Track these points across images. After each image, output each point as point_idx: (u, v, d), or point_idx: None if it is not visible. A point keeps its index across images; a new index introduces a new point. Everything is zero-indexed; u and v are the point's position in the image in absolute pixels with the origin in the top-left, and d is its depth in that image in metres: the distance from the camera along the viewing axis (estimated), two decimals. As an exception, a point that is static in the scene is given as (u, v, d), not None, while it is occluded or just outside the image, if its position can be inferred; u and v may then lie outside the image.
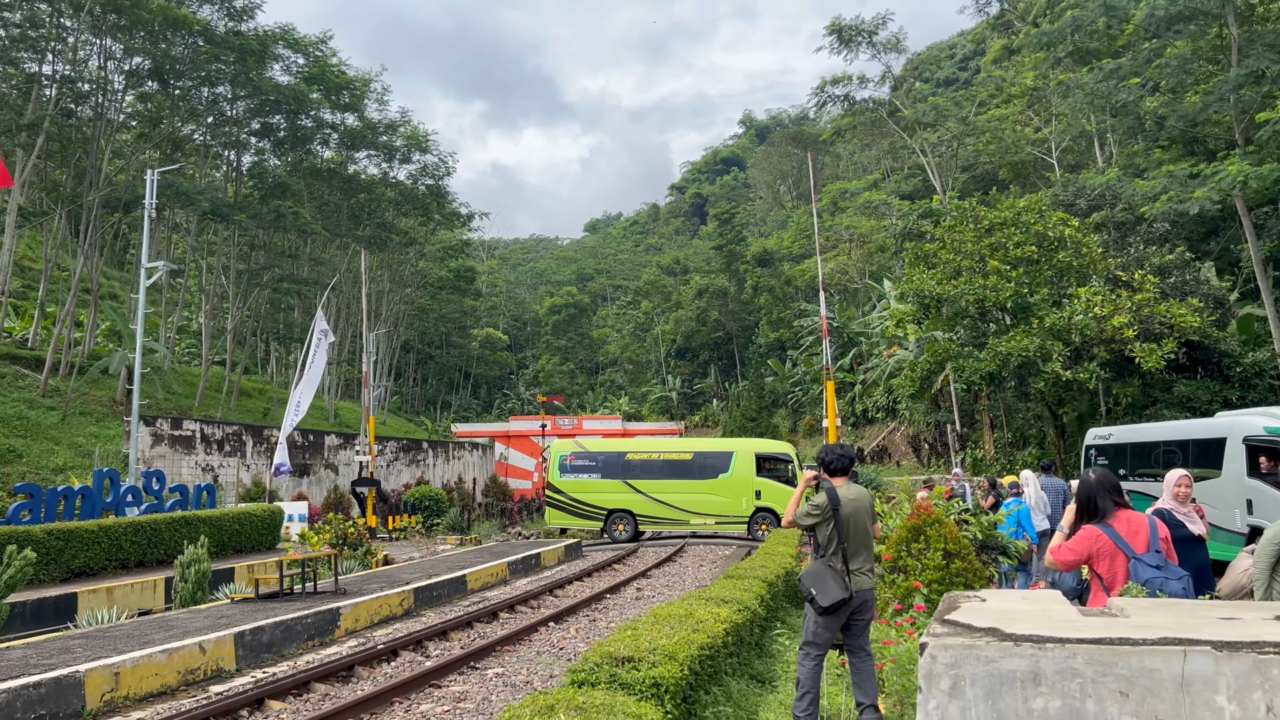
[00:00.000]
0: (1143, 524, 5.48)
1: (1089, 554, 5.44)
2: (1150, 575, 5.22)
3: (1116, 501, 5.55)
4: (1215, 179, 24.65)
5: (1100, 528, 5.46)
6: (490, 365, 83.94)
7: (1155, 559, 5.31)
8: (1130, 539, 5.38)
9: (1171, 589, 5.18)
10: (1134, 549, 5.34)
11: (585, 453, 29.96)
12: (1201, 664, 3.00)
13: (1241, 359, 24.10)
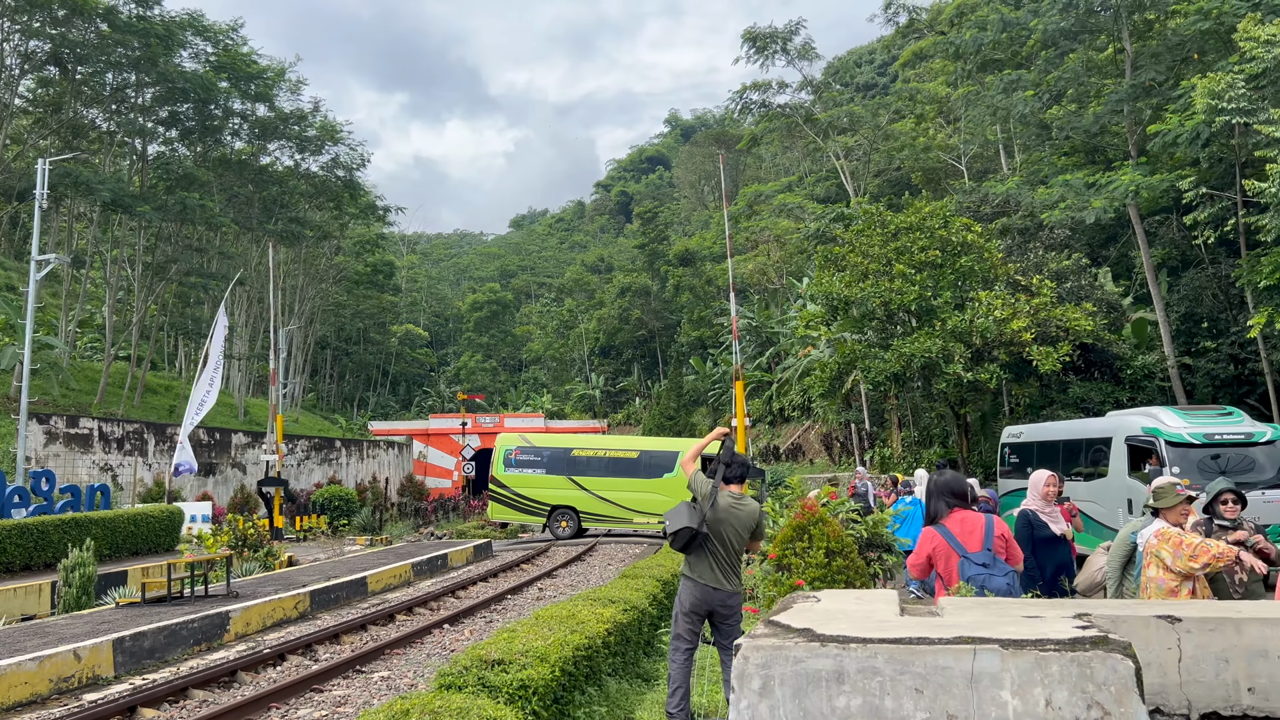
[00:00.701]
0: (978, 524, 5.72)
1: (928, 555, 5.67)
2: (974, 572, 5.46)
3: (950, 503, 5.78)
4: (1109, 189, 25.64)
5: (936, 529, 5.70)
6: (410, 362, 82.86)
7: (984, 557, 5.55)
8: (964, 538, 5.61)
9: (995, 585, 5.42)
10: (966, 548, 5.57)
11: (531, 447, 29.76)
12: (989, 661, 3.15)
13: (1132, 362, 25.14)
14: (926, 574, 5.89)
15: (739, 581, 6.59)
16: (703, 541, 6.42)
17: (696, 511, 6.40)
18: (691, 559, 6.50)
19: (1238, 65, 22.98)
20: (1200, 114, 23.04)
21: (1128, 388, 24.99)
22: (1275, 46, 21.97)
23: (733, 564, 6.53)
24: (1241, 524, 7.36)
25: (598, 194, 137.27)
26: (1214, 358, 27.96)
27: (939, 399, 26.18)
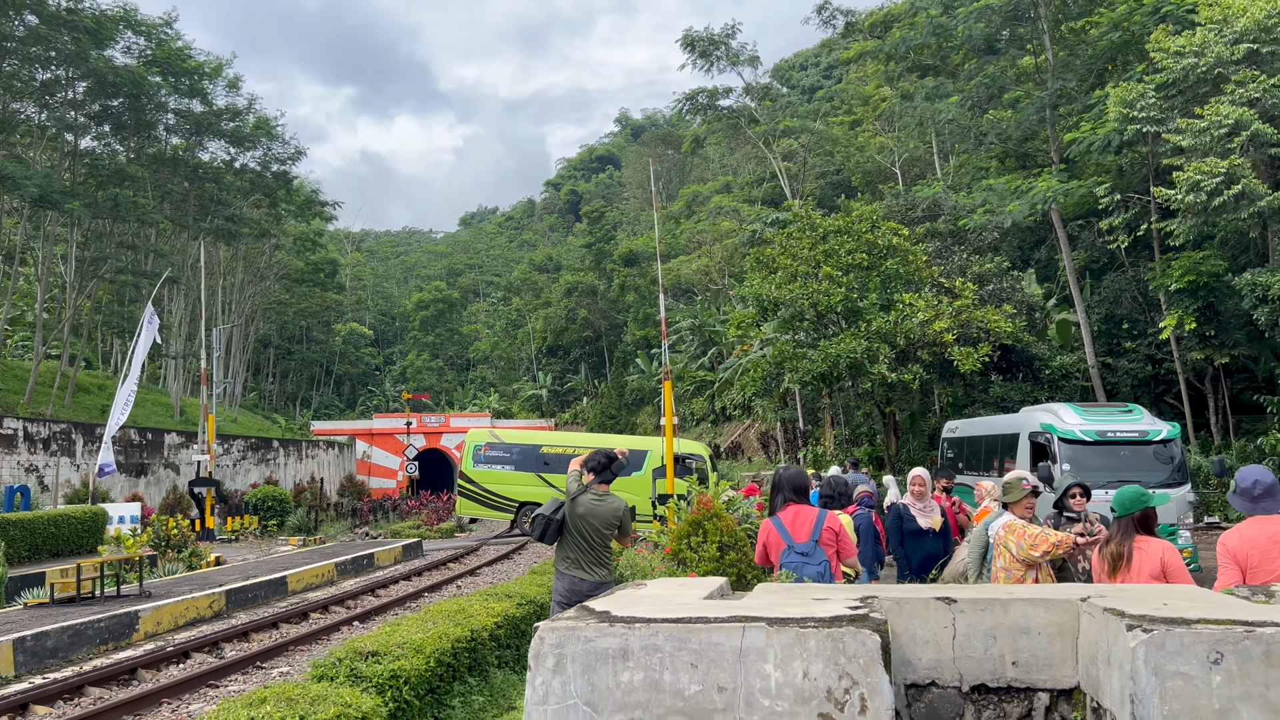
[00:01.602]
0: (810, 517, 6.08)
1: (764, 544, 6.04)
2: (791, 560, 5.83)
3: (789, 497, 6.14)
4: (1029, 195, 26.44)
5: (772, 521, 6.06)
6: (354, 362, 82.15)
7: (806, 547, 5.90)
8: (793, 530, 5.97)
9: (808, 572, 5.78)
10: (794, 539, 5.93)
11: (500, 444, 29.90)
12: (755, 638, 3.45)
13: (1051, 362, 25.96)
14: (766, 563, 6.23)
15: (606, 572, 6.88)
16: (568, 534, 6.72)
17: (557, 505, 6.73)
18: (561, 552, 6.81)
19: (1148, 75, 23.87)
20: (1112, 122, 23.88)
21: (1046, 387, 25.81)
22: (1183, 57, 22.85)
23: (597, 556, 6.82)
24: (1086, 516, 7.84)
25: (547, 192, 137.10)
26: (1133, 358, 28.92)
27: (865, 398, 26.78)
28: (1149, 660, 3.20)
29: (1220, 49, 22.21)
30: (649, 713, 3.50)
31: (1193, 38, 22.91)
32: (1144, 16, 24.37)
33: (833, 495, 8.35)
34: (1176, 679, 3.17)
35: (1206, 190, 21.37)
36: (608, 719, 3.52)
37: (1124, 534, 5.25)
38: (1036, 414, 16.59)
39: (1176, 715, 3.15)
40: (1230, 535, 5.18)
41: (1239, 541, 5.04)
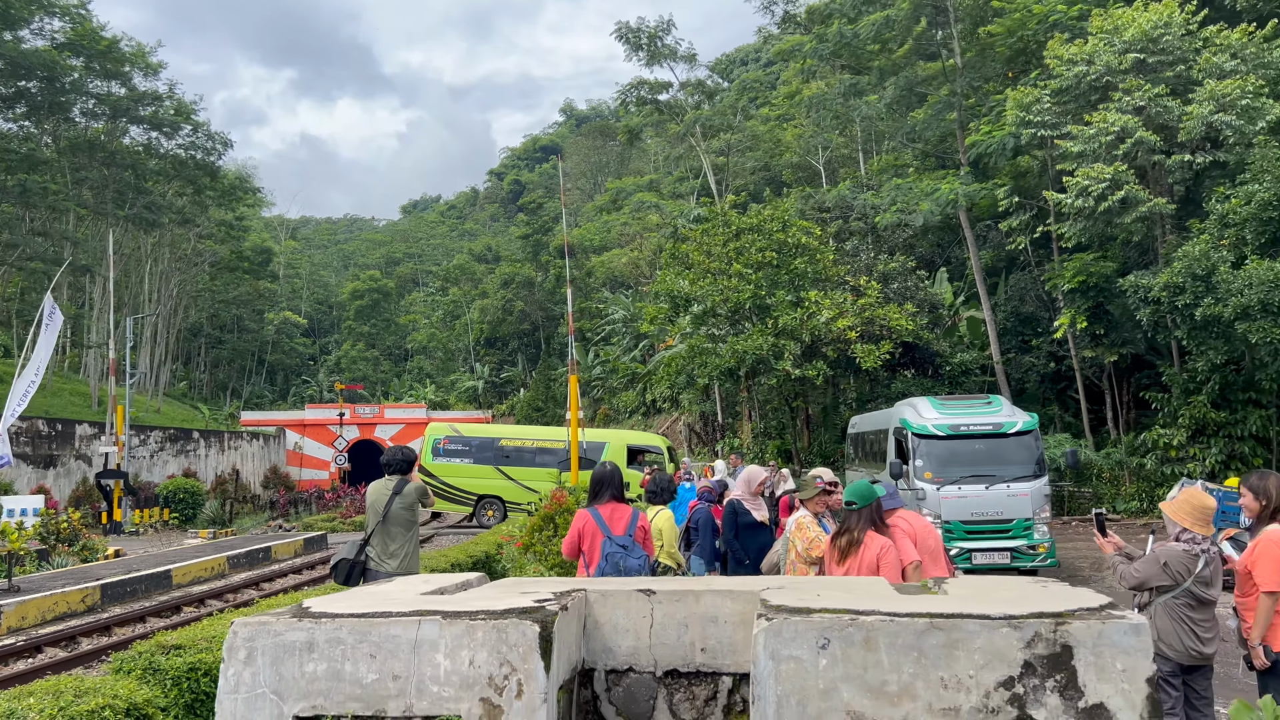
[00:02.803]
0: (626, 513, 6.40)
1: (579, 533, 6.34)
2: (613, 550, 6.13)
3: (610, 493, 6.45)
4: (934, 195, 27.15)
5: (589, 511, 6.35)
6: (287, 352, 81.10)
7: (624, 539, 6.22)
8: (611, 523, 6.28)
9: (629, 565, 6.10)
10: (612, 531, 6.23)
11: (459, 437, 30.02)
12: (430, 630, 3.73)
13: (950, 359, 26.72)
14: (575, 553, 6.52)
15: (396, 563, 7.13)
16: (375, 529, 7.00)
17: (354, 546, 7.03)
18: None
19: (1044, 81, 24.66)
20: (1010, 125, 24.64)
21: (946, 383, 26.57)
22: (1076, 65, 23.66)
23: (386, 547, 7.08)
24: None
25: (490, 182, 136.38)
26: (1037, 354, 29.86)
27: (773, 393, 27.33)
28: (768, 645, 3.55)
29: (1109, 58, 23.04)
30: (330, 700, 3.77)
31: (1084, 47, 23.73)
32: (1037, 25, 25.15)
33: (657, 490, 8.67)
34: (789, 662, 3.52)
35: (1094, 195, 22.21)
36: (292, 706, 3.78)
37: (859, 525, 5.63)
38: (901, 409, 16.60)
39: (787, 694, 3.50)
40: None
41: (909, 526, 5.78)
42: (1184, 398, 23.14)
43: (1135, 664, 3.42)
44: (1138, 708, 3.40)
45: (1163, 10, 23.24)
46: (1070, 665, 3.44)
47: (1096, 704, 3.42)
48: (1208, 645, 5.36)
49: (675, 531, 8.45)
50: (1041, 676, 3.45)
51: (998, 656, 3.45)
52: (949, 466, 14.58)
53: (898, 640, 3.49)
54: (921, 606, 3.63)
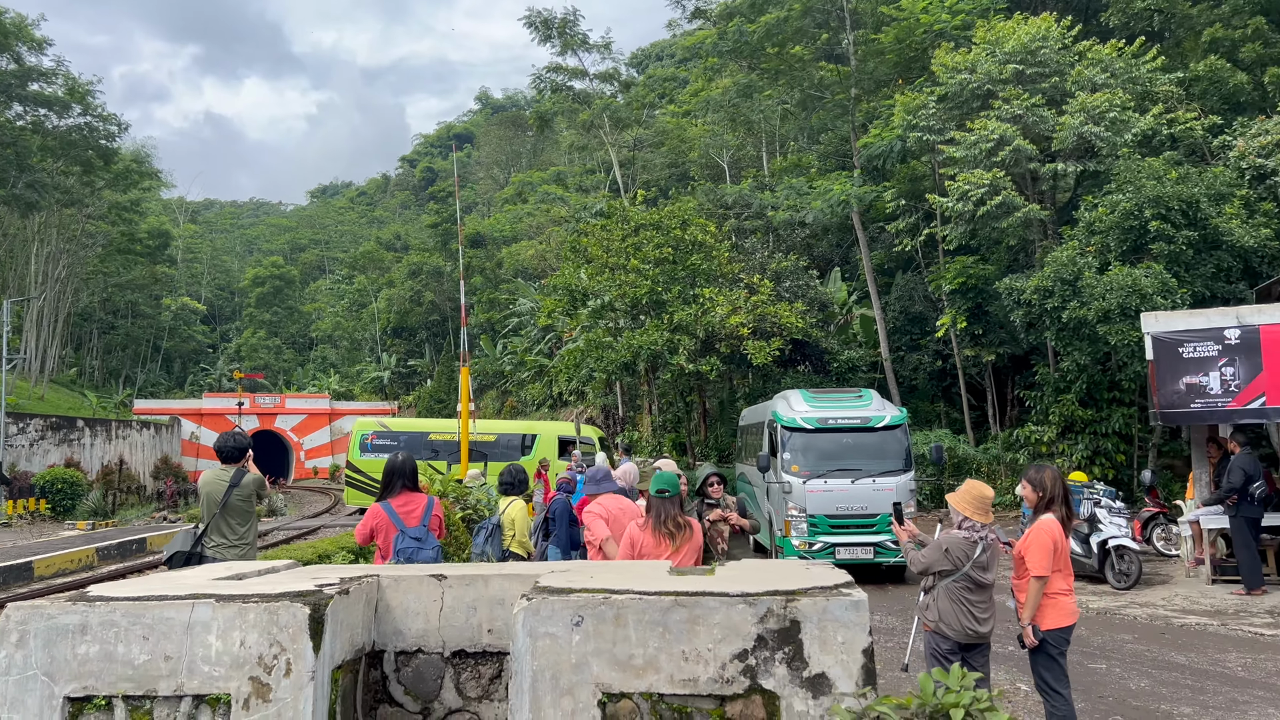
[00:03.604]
0: (420, 503, 6.52)
1: (371, 527, 6.44)
2: (406, 545, 6.27)
3: (404, 484, 6.57)
4: (826, 195, 27.88)
5: (382, 505, 6.46)
6: (185, 338, 78.59)
7: (418, 532, 6.35)
8: (404, 516, 6.39)
9: (423, 557, 6.25)
10: (405, 524, 6.36)
11: (387, 432, 29.59)
12: (203, 612, 3.85)
13: (838, 356, 27.52)
14: (368, 543, 6.64)
15: (238, 553, 7.16)
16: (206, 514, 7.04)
17: (189, 536, 7.03)
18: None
19: (930, 88, 25.53)
20: (898, 129, 25.44)
21: (835, 379, 27.34)
22: (959, 73, 24.56)
23: (225, 537, 7.11)
24: (724, 503, 8.62)
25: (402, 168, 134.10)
26: (924, 353, 30.92)
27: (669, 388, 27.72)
28: (526, 623, 3.77)
29: (990, 67, 23.98)
30: (102, 681, 3.86)
31: (968, 56, 24.64)
32: (924, 34, 26.03)
33: (511, 482, 8.85)
34: (545, 639, 3.74)
35: (973, 199, 23.10)
36: (64, 687, 3.86)
37: (677, 512, 5.94)
38: (775, 402, 16.57)
39: (542, 669, 3.73)
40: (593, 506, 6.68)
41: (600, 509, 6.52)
42: (1055, 396, 24.24)
43: (854, 637, 3.74)
44: (854, 676, 3.72)
45: (1040, 24, 24.28)
46: (798, 639, 3.75)
47: (819, 674, 3.73)
48: (984, 625, 5.78)
49: (527, 521, 8.65)
50: (772, 649, 3.74)
51: (734, 631, 3.74)
52: (816, 460, 14.57)
53: (645, 616, 3.74)
54: (673, 586, 3.90)
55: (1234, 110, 24.29)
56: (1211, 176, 21.19)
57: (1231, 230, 20.28)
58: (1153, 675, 8.05)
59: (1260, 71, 23.69)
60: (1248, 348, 11.12)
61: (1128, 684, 7.80)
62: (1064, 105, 23.17)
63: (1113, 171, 22.10)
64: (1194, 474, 13.10)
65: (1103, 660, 8.66)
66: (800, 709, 3.70)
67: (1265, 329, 11.10)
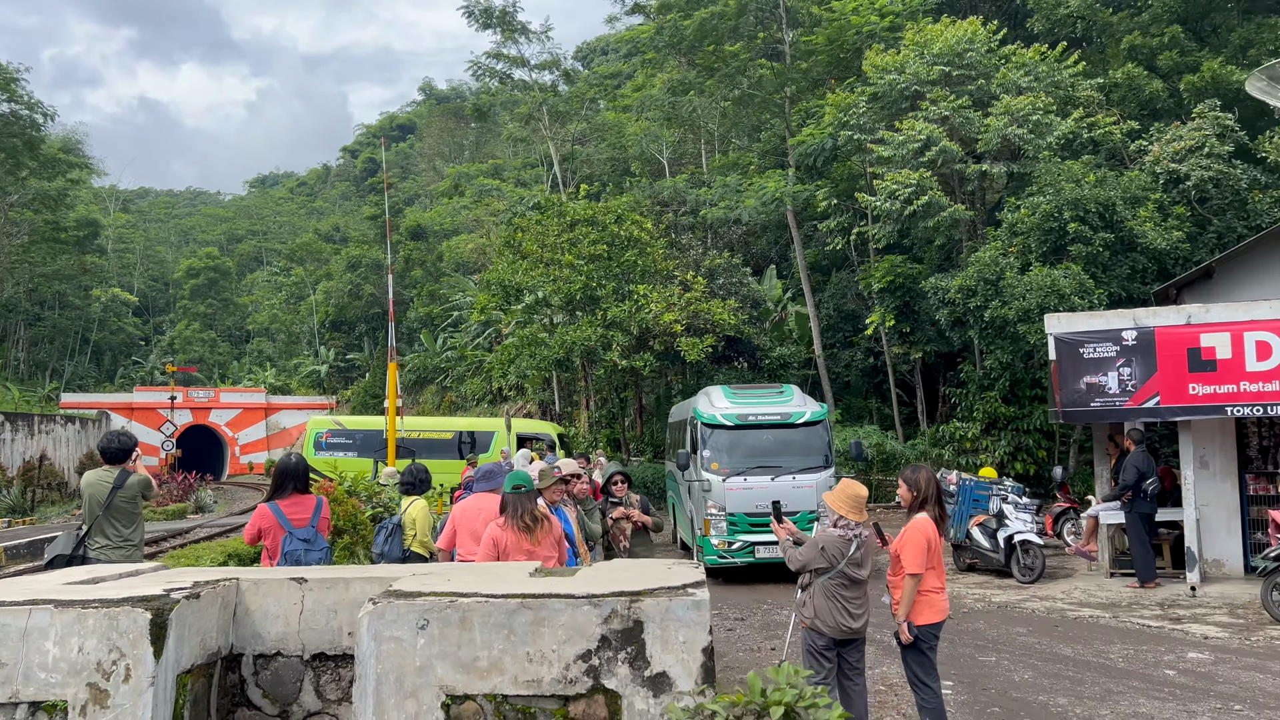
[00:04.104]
0: (310, 505, 6.50)
1: (259, 529, 6.40)
2: (294, 546, 6.24)
3: (296, 488, 6.54)
4: (760, 193, 28.12)
5: (269, 506, 6.42)
6: (115, 331, 76.62)
7: (306, 533, 6.33)
8: (293, 517, 6.37)
9: (311, 559, 6.23)
10: (293, 525, 6.33)
11: (342, 430, 29.13)
12: (40, 618, 3.79)
13: (770, 353, 27.81)
14: (255, 543, 6.60)
15: (123, 554, 7.05)
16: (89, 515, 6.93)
17: (71, 538, 6.91)
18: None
19: (861, 88, 25.88)
20: (829, 128, 25.75)
21: (766, 376, 27.62)
22: (889, 74, 24.93)
23: (108, 538, 6.99)
24: (627, 501, 8.71)
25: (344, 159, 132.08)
26: (856, 350, 31.37)
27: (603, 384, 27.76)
28: (371, 627, 3.77)
29: (918, 68, 24.38)
30: (-72, 689, 3.79)
31: (897, 57, 25.03)
32: (855, 36, 26.37)
33: (413, 482, 8.82)
34: (390, 642, 3.76)
35: (900, 199, 23.48)
36: (-118, 697, 3.79)
37: (533, 506, 6.01)
38: (697, 398, 16.36)
39: (386, 672, 3.74)
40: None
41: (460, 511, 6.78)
42: (979, 393, 24.77)
43: (694, 636, 3.82)
44: (694, 674, 3.80)
45: (967, 28, 24.74)
46: (641, 639, 3.81)
47: (660, 672, 3.80)
48: (857, 620, 5.92)
49: (429, 520, 8.62)
50: (615, 649, 3.80)
51: (578, 632, 3.79)
52: (736, 457, 14.39)
53: (490, 619, 3.78)
54: (522, 588, 3.93)
55: (1152, 116, 25.01)
56: (1128, 180, 21.81)
57: (1145, 233, 20.88)
58: (1038, 667, 8.30)
59: (1176, 79, 24.42)
60: (1144, 349, 11.50)
61: (1012, 676, 8.04)
62: (989, 108, 23.65)
63: (1034, 174, 22.62)
64: (1096, 470, 13.50)
65: (994, 653, 8.91)
66: (641, 707, 3.77)
67: (1160, 331, 11.49)
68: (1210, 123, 22.30)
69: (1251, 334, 10.94)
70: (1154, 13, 25.58)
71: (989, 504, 13.47)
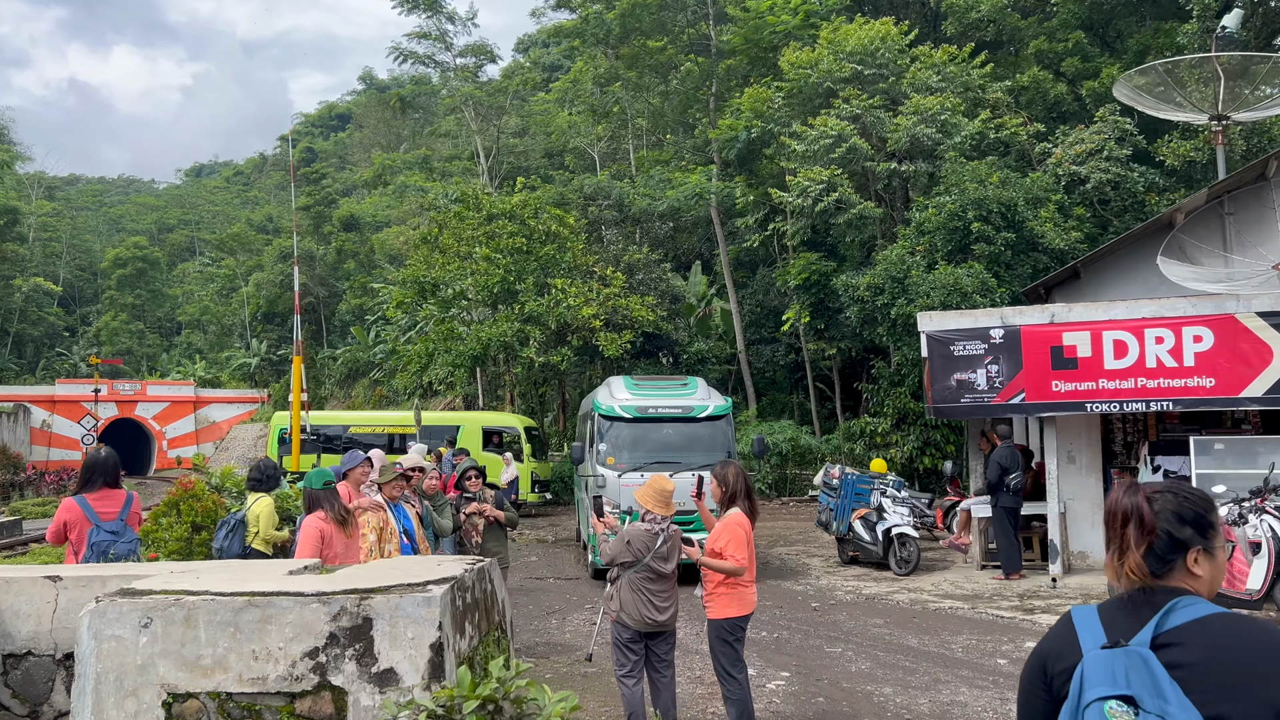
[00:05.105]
0: (119, 499, 6.42)
1: (64, 523, 6.30)
2: (102, 538, 6.17)
3: (106, 482, 6.44)
4: (681, 187, 28.26)
5: (76, 500, 6.33)
6: (36, 322, 74.52)
7: (115, 526, 6.26)
8: (100, 511, 6.29)
9: (119, 550, 6.17)
10: (101, 518, 6.25)
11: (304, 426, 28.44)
12: None
13: (688, 348, 28.00)
14: (61, 540, 6.48)
15: None
16: None
17: None
18: None
19: (778, 84, 26.12)
20: (745, 122, 25.94)
21: (686, 371, 27.78)
22: (803, 70, 25.20)
23: None
24: (479, 496, 8.72)
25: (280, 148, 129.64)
26: (778, 346, 31.68)
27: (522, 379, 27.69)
28: (91, 626, 3.73)
29: (831, 65, 24.67)
30: None
31: (813, 54, 25.31)
32: (770, 35, 26.62)
33: (260, 478, 8.72)
34: (111, 641, 3.72)
35: (812, 195, 23.77)
36: None
37: (339, 502, 6.02)
38: (598, 390, 15.91)
39: (106, 671, 3.71)
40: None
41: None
42: (889, 389, 25.20)
43: (423, 632, 3.85)
44: (421, 670, 3.83)
45: (880, 28, 25.10)
46: (369, 635, 3.83)
47: (388, 669, 3.83)
48: (663, 614, 6.01)
49: (273, 518, 8.52)
50: (343, 646, 3.82)
51: (306, 629, 3.80)
52: (635, 451, 13.84)
53: (216, 617, 3.76)
54: (251, 586, 3.93)
55: (1059, 119, 25.62)
56: (1030, 182, 22.31)
57: (1045, 233, 21.38)
58: (878, 658, 8.49)
59: (1079, 84, 25.05)
60: (1010, 347, 11.81)
61: (850, 667, 8.22)
62: (900, 107, 24.03)
63: (941, 174, 23.04)
64: (971, 465, 13.85)
65: (843, 644, 9.10)
66: (367, 703, 3.79)
67: (1026, 329, 11.80)
68: (1110, 127, 22.92)
69: (1110, 333, 11.29)
70: (1061, 18, 26.19)
71: (870, 498, 13.72)
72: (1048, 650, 2.11)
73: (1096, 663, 1.91)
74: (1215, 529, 2.06)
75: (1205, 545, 2.04)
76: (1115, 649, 1.91)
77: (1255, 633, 1.90)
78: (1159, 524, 2.03)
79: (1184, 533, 2.03)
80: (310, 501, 6.08)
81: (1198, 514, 2.05)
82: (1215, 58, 14.70)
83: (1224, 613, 1.94)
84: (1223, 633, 1.89)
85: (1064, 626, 2.10)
